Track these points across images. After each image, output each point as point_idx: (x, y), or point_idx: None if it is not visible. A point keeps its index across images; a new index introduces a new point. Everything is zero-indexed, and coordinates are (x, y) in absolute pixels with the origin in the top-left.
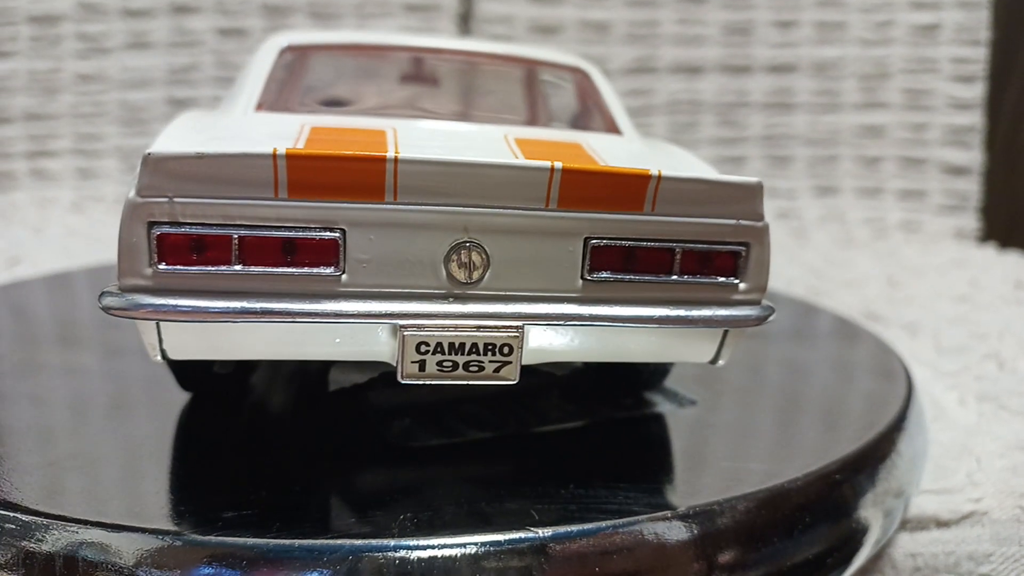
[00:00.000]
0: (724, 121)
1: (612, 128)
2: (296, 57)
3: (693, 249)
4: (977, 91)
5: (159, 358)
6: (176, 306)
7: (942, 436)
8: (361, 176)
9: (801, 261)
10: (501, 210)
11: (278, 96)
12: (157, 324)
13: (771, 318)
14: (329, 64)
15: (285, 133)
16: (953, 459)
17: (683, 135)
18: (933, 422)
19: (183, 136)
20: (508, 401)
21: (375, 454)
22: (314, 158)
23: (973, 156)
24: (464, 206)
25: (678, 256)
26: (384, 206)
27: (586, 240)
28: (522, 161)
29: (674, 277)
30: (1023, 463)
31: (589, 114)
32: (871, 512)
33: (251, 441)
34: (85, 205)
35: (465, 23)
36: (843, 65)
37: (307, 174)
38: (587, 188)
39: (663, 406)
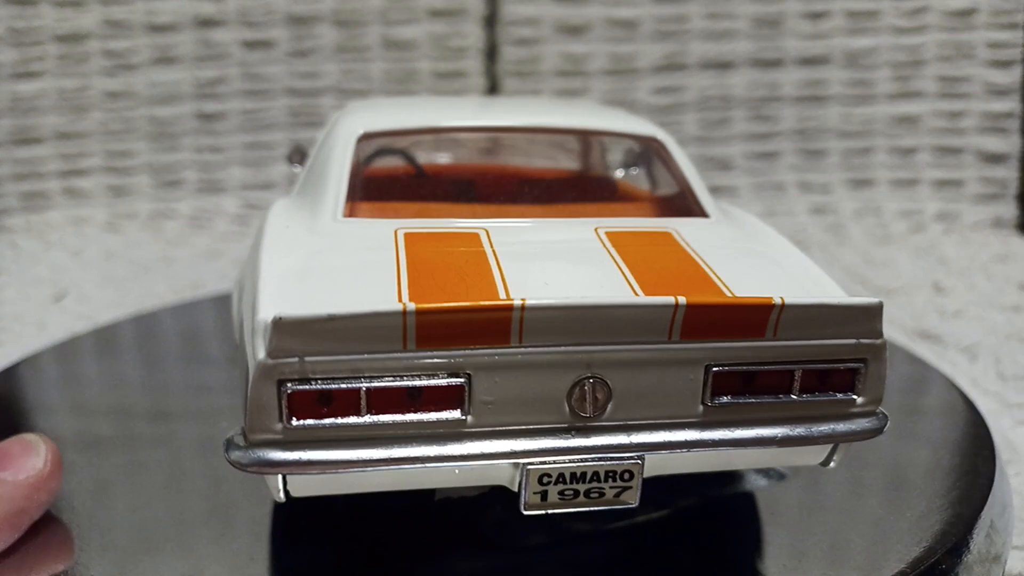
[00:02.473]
0: (756, 116)
1: (698, 209)
2: (372, 145)
3: (813, 369)
4: (1015, 76)
5: (282, 498)
6: (307, 460)
7: (1018, 481)
8: (488, 324)
9: (842, 263)
10: (624, 346)
11: (364, 195)
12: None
13: (887, 427)
14: (404, 148)
15: (382, 249)
16: None
17: (715, 132)
18: (1008, 465)
19: (291, 280)
20: None
21: (466, 545)
22: (443, 311)
23: (1012, 142)
24: (587, 344)
25: (798, 377)
26: (509, 350)
27: (707, 367)
28: (646, 300)
29: (793, 396)
30: None
31: (668, 187)
32: None
33: (341, 529)
34: (119, 224)
35: (491, 26)
36: (876, 55)
37: (436, 327)
38: (709, 321)
39: (752, 480)
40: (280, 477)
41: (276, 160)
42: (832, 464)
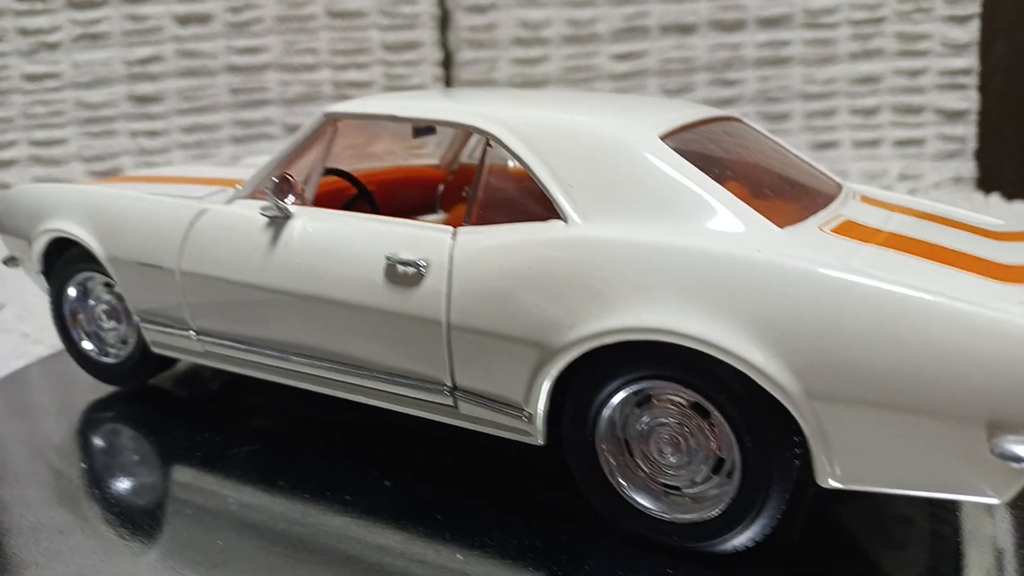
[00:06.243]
0: (718, 80)
1: (833, 182)
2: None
3: None
4: (973, 32)
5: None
6: None
7: None
8: None
9: None
10: None
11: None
12: None
13: None
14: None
15: (865, 247)
16: None
17: (678, 97)
18: None
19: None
20: None
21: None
22: None
23: (969, 98)
24: None
25: None
26: None
27: None
28: None
29: None
30: None
31: (782, 161)
32: None
33: None
34: None
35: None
36: (836, 13)
37: None
38: None
39: None
40: None
41: (219, 143)
42: None
